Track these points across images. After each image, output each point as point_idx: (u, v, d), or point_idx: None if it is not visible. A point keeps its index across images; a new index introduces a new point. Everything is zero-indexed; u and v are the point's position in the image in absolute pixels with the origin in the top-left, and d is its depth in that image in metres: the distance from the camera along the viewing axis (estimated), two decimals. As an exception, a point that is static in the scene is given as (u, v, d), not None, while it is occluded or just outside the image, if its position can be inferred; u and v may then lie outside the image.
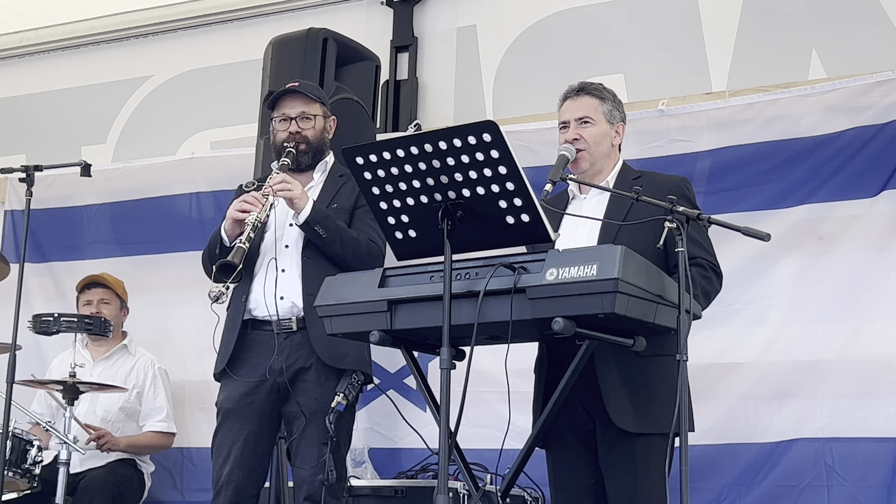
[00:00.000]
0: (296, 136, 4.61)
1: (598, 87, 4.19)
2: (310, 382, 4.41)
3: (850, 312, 5.22)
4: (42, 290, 7.02)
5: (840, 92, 5.39)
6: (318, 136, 4.67)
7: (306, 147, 4.63)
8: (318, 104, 4.70)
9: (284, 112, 4.65)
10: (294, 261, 4.50)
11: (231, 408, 4.46)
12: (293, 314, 4.45)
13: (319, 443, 4.35)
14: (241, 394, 4.45)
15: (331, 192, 4.64)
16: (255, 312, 4.48)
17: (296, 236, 4.52)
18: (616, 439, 3.82)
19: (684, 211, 3.62)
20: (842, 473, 5.13)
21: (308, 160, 4.65)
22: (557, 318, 3.35)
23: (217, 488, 4.43)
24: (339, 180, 4.68)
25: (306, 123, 4.64)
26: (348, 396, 4.37)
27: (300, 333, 4.43)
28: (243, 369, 4.46)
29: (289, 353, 4.42)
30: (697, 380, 4.04)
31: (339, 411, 4.33)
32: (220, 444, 4.48)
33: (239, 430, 4.44)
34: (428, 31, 6.65)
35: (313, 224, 4.42)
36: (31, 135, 7.65)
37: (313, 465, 4.34)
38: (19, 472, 5.25)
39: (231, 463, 4.41)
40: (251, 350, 4.48)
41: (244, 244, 4.33)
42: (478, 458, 4.82)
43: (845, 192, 5.33)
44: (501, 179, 3.42)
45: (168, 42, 7.40)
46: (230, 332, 4.53)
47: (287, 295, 4.45)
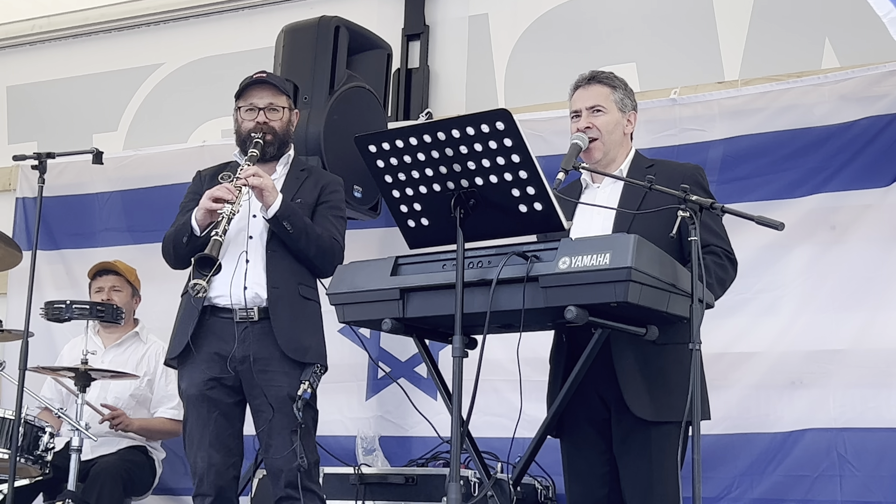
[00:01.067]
0: (263, 126, 4.64)
1: (609, 76, 4.18)
2: (274, 373, 4.45)
3: (862, 302, 5.21)
4: (54, 277, 7.03)
5: (853, 81, 5.36)
6: (284, 127, 4.70)
7: (272, 138, 4.66)
8: (285, 96, 4.74)
9: (252, 102, 4.68)
10: (259, 252, 4.52)
11: (196, 394, 4.50)
12: (255, 304, 4.47)
13: (289, 430, 4.38)
14: (204, 380, 4.48)
15: (294, 186, 4.66)
16: (216, 300, 4.48)
17: (260, 228, 4.54)
18: (632, 427, 3.82)
19: (697, 200, 3.61)
20: (854, 463, 5.12)
21: (273, 151, 4.68)
22: (570, 307, 3.36)
23: (198, 476, 4.46)
24: (301, 174, 4.71)
25: (274, 115, 4.67)
26: (313, 385, 4.42)
27: (261, 324, 4.46)
28: (202, 355, 4.48)
29: (249, 343, 4.45)
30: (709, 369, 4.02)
31: (305, 399, 4.37)
32: (191, 432, 4.52)
33: (207, 415, 4.47)
34: (440, 19, 6.64)
35: (282, 219, 4.44)
36: (42, 122, 7.65)
37: (286, 452, 4.37)
38: (31, 459, 5.26)
39: (206, 447, 4.45)
40: (209, 336, 4.49)
41: (220, 237, 4.33)
42: (488, 447, 4.82)
43: (858, 182, 5.31)
44: (514, 168, 3.41)
45: (180, 30, 7.39)
46: (189, 317, 4.53)
47: (251, 286, 4.45)
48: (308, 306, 4.56)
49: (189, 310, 4.54)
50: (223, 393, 4.50)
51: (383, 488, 5.21)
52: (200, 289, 4.27)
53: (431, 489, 5.10)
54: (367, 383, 6.21)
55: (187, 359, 4.52)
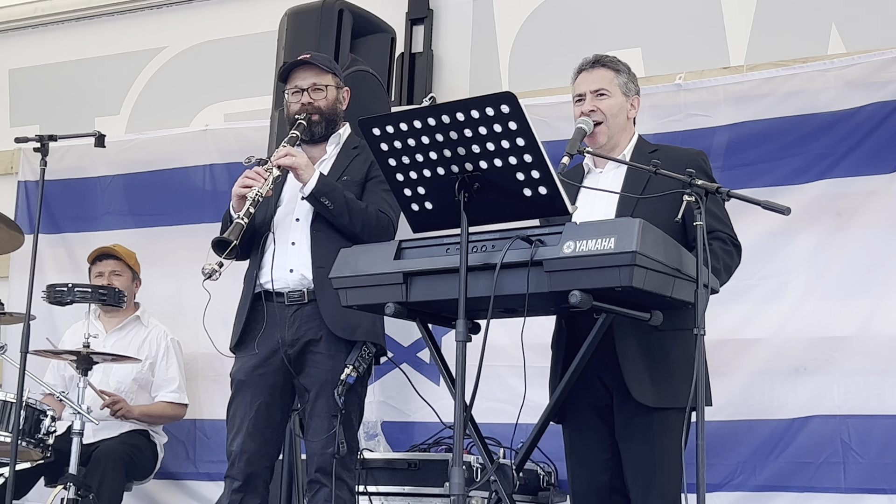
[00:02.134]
0: (307, 107, 4.61)
1: (612, 60, 4.17)
2: (319, 354, 4.41)
3: (867, 289, 5.19)
4: (55, 260, 7.02)
5: (859, 67, 5.34)
6: (330, 106, 4.65)
7: (319, 117, 4.62)
8: (331, 75, 4.68)
9: (296, 84, 4.65)
10: (304, 234, 4.50)
11: (243, 379, 4.48)
12: (303, 286, 4.45)
13: (329, 415, 4.36)
14: (253, 365, 4.46)
15: (343, 164, 4.63)
16: (267, 285, 4.47)
17: (306, 210, 4.51)
18: (634, 413, 3.81)
19: (703, 184, 3.60)
20: (858, 450, 5.11)
21: (321, 130, 4.64)
22: (574, 292, 3.34)
23: (231, 459, 4.45)
24: (352, 152, 4.66)
25: (318, 94, 4.63)
26: (358, 368, 4.36)
27: (311, 305, 4.43)
28: (255, 341, 4.46)
29: (299, 325, 4.42)
30: (714, 355, 4.01)
31: (348, 383, 4.32)
32: (233, 415, 4.50)
33: (251, 402, 4.44)
34: (444, 3, 6.61)
35: (319, 196, 4.41)
36: (44, 105, 7.63)
37: (323, 437, 4.34)
38: (33, 442, 5.26)
39: (244, 434, 4.42)
40: (261, 322, 4.47)
41: (243, 220, 4.31)
42: (491, 433, 4.80)
43: (864, 168, 5.29)
44: (519, 151, 3.39)
45: (182, 13, 7.36)
46: (243, 304, 4.55)
47: (297, 268, 4.45)
48: None
49: (244, 297, 4.55)
50: (270, 380, 4.45)
51: (385, 473, 5.20)
52: (211, 270, 4.25)
53: (434, 474, 5.09)
54: (369, 368, 6.20)
55: (241, 345, 4.52)
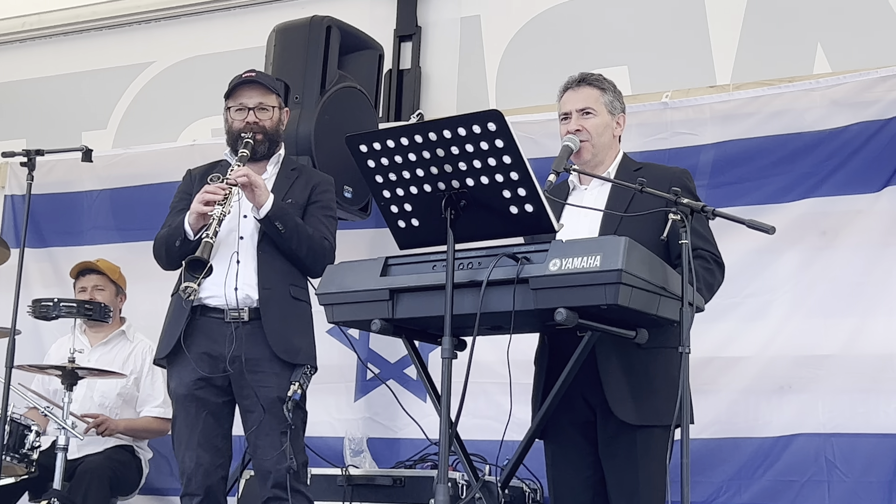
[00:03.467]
0: (253, 126, 4.63)
1: (598, 78, 4.19)
2: (263, 374, 4.44)
3: (852, 308, 5.20)
4: (41, 275, 7.00)
5: (845, 87, 5.36)
6: (274, 126, 4.70)
7: (263, 137, 4.65)
8: (275, 95, 4.74)
9: (241, 102, 4.67)
10: (250, 253, 4.52)
11: (185, 393, 4.49)
12: (246, 305, 4.47)
13: (279, 432, 4.38)
14: (193, 380, 4.47)
15: (284, 185, 4.66)
16: (207, 300, 4.47)
17: (251, 228, 4.53)
18: (616, 431, 3.81)
19: (689, 203, 3.61)
20: (843, 469, 5.11)
21: (264, 150, 4.68)
22: (560, 309, 3.35)
23: (186, 476, 4.45)
24: (291, 174, 4.71)
25: (263, 114, 4.66)
26: (303, 385, 4.43)
27: (251, 324, 4.46)
28: (191, 354, 4.46)
29: (240, 343, 4.43)
30: (698, 373, 4.02)
31: (295, 400, 4.37)
32: (179, 431, 4.51)
33: (196, 414, 4.47)
34: (432, 20, 6.63)
35: (273, 219, 4.44)
36: (31, 120, 7.62)
37: (275, 453, 4.36)
38: (17, 457, 5.24)
39: (195, 447, 4.44)
40: (198, 335, 4.48)
41: (211, 239, 4.33)
42: (476, 449, 4.81)
43: (849, 187, 5.30)
44: (506, 169, 3.40)
45: (170, 28, 7.38)
46: (177, 317, 4.53)
47: (241, 286, 4.45)
48: (299, 307, 4.55)
49: (178, 310, 4.53)
50: (212, 393, 4.48)
51: (371, 490, 5.19)
52: (192, 292, 4.26)
53: (419, 491, 5.08)
54: (355, 384, 6.20)
55: (176, 358, 4.51)
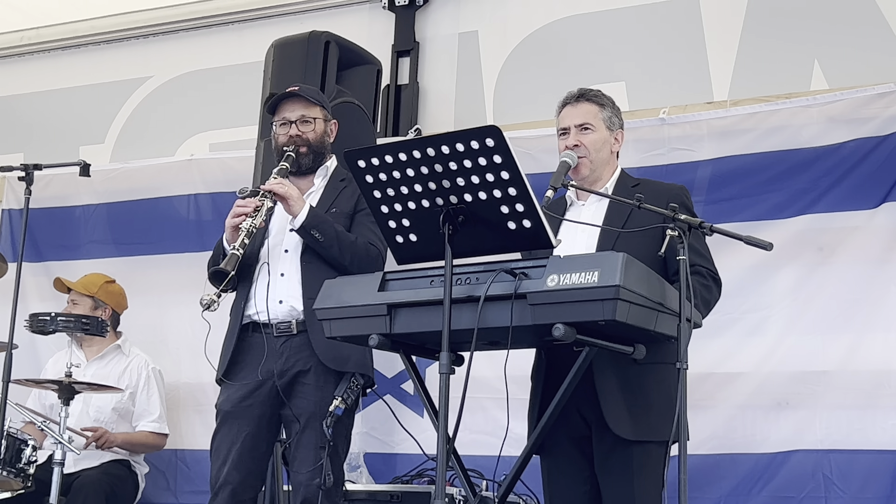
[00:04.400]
0: (296, 139, 4.61)
1: (597, 94, 4.19)
2: (308, 386, 4.40)
3: (849, 324, 5.20)
4: (38, 289, 6.98)
5: (842, 103, 5.37)
6: (318, 138, 4.66)
7: (307, 150, 4.62)
8: (319, 107, 4.69)
9: (284, 116, 4.65)
10: (294, 265, 4.50)
11: (229, 410, 4.46)
12: (293, 317, 4.45)
13: (316, 447, 4.35)
14: (240, 396, 4.45)
15: (331, 196, 4.64)
16: (255, 316, 4.47)
17: (296, 241, 4.52)
18: (613, 446, 3.81)
19: (686, 219, 3.62)
20: (840, 485, 5.10)
21: (309, 162, 4.65)
22: (558, 325, 3.34)
23: (214, 490, 4.43)
24: (339, 185, 4.67)
25: (306, 126, 4.64)
26: (346, 400, 4.37)
27: (300, 336, 4.43)
28: (243, 372, 4.46)
29: (288, 356, 4.42)
30: (695, 389, 4.02)
31: (336, 415, 4.32)
32: (218, 445, 4.48)
33: (237, 433, 4.43)
34: (430, 35, 6.64)
35: (309, 228, 4.42)
36: (29, 134, 7.63)
37: (310, 469, 4.33)
38: (13, 472, 5.23)
39: (229, 465, 4.41)
40: (250, 353, 4.47)
41: (238, 251, 4.32)
42: (474, 465, 4.79)
43: (846, 204, 5.31)
44: (504, 184, 3.40)
45: (168, 43, 7.39)
46: (230, 335, 4.54)
47: (286, 299, 4.46)
48: None
49: (231, 328, 4.54)
50: (257, 410, 4.44)
51: (367, 505, 5.19)
52: (210, 301, 4.25)
53: (416, 507, 5.08)
54: (352, 399, 6.18)
55: (228, 376, 4.50)
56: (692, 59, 5.92)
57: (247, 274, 4.49)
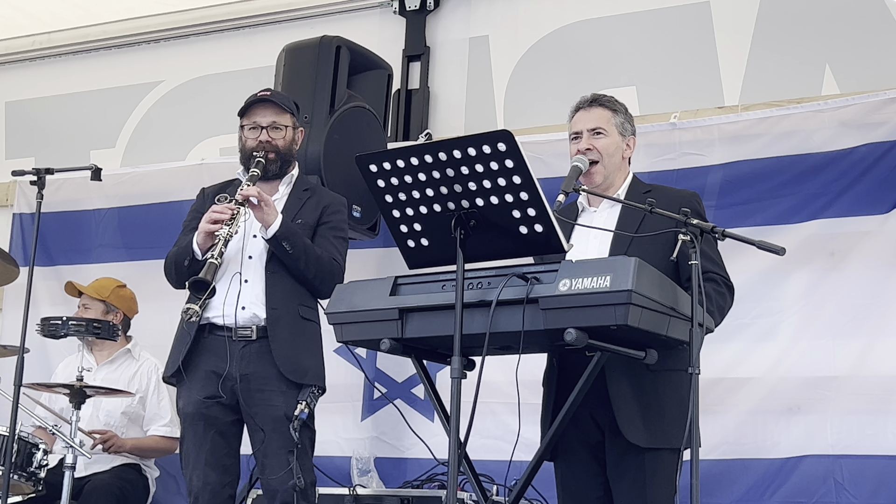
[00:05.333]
0: (265, 144, 4.64)
1: (610, 99, 4.19)
2: (271, 392, 4.44)
3: (861, 329, 5.19)
4: (49, 293, 7.00)
5: (853, 108, 5.36)
6: (287, 146, 4.70)
7: (275, 156, 4.66)
8: (289, 115, 4.73)
9: (255, 120, 4.68)
10: (258, 272, 4.53)
11: (193, 412, 4.49)
12: (254, 324, 4.47)
13: (286, 450, 4.38)
14: (202, 397, 4.48)
15: (296, 206, 4.66)
16: (214, 319, 4.48)
17: (260, 248, 4.54)
18: (625, 452, 3.81)
19: (698, 224, 3.62)
20: (851, 491, 5.09)
21: (276, 169, 4.68)
22: (570, 329, 3.34)
23: (194, 496, 4.46)
24: (303, 194, 4.71)
25: (276, 133, 4.67)
26: (310, 404, 4.43)
27: (258, 343, 4.47)
28: (199, 373, 4.48)
29: (248, 362, 4.45)
30: (706, 394, 4.01)
31: (302, 419, 4.38)
32: (187, 450, 4.52)
33: (204, 433, 4.47)
34: (440, 40, 6.64)
35: (281, 239, 4.44)
36: (40, 138, 7.64)
37: (282, 472, 4.36)
38: (24, 476, 5.24)
39: (202, 466, 4.45)
40: (205, 354, 4.49)
41: (216, 260, 4.36)
42: (484, 469, 4.80)
43: (857, 208, 5.30)
44: (515, 189, 3.40)
45: (179, 48, 7.39)
46: (184, 335, 4.54)
47: (249, 305, 4.48)
48: (308, 327, 4.55)
49: (186, 327, 4.53)
50: (220, 411, 4.48)
51: (378, 510, 5.19)
52: (193, 313, 4.29)
53: (427, 511, 5.07)
54: (362, 404, 6.19)
55: (184, 377, 4.51)
56: (703, 63, 5.92)
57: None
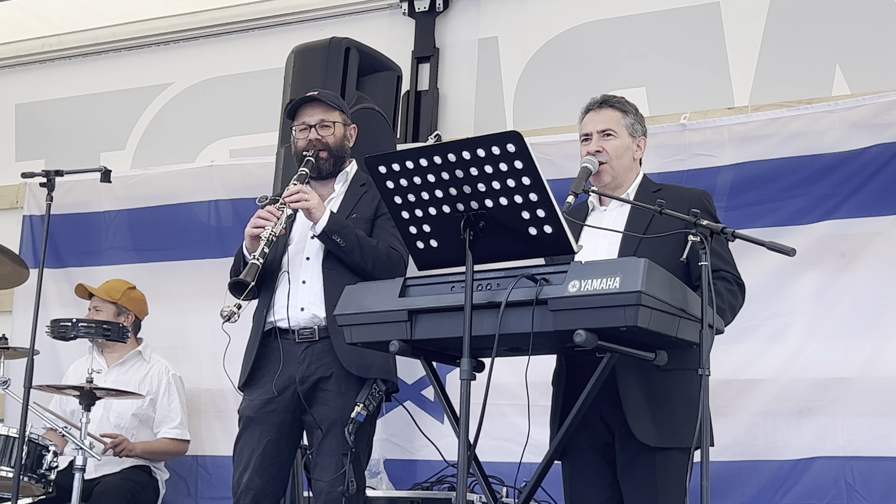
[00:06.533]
0: (315, 143, 4.61)
1: (620, 101, 4.19)
2: (329, 392, 4.40)
3: (871, 330, 5.17)
4: (59, 295, 7.01)
5: (863, 108, 5.35)
6: (337, 143, 4.65)
7: (327, 154, 4.61)
8: (338, 112, 4.68)
9: (304, 120, 4.65)
10: (315, 272, 4.50)
11: (251, 416, 4.47)
12: (314, 324, 4.45)
13: (338, 453, 4.34)
14: (262, 402, 4.45)
15: (352, 201, 4.63)
16: (278, 323, 4.48)
17: (317, 248, 4.52)
18: (636, 453, 3.80)
19: (708, 224, 3.61)
20: (862, 492, 5.08)
21: (329, 167, 4.64)
22: (579, 331, 3.34)
23: (236, 496, 4.43)
24: (360, 189, 4.66)
25: (325, 131, 4.63)
26: (368, 407, 4.35)
27: (322, 343, 4.43)
28: (265, 378, 4.46)
29: (310, 363, 4.42)
30: (717, 395, 4.00)
31: (358, 422, 4.32)
32: (240, 451, 4.49)
33: (259, 438, 4.44)
34: (449, 42, 6.64)
35: (330, 234, 4.41)
36: (50, 140, 7.65)
37: (332, 476, 4.32)
38: (35, 478, 5.25)
39: (250, 471, 4.41)
40: (271, 359, 4.47)
41: (258, 260, 4.33)
42: (494, 471, 4.79)
43: (868, 209, 5.28)
44: (525, 190, 3.40)
45: (189, 49, 7.39)
46: (252, 342, 4.54)
47: (308, 306, 4.46)
48: None
49: (253, 335, 4.54)
50: (279, 417, 4.44)
51: (388, 512, 5.19)
52: (230, 313, 4.26)
53: (436, 513, 5.07)
54: (374, 406, 6.18)
55: (251, 382, 4.51)
56: (713, 64, 5.91)
57: (269, 282, 4.50)
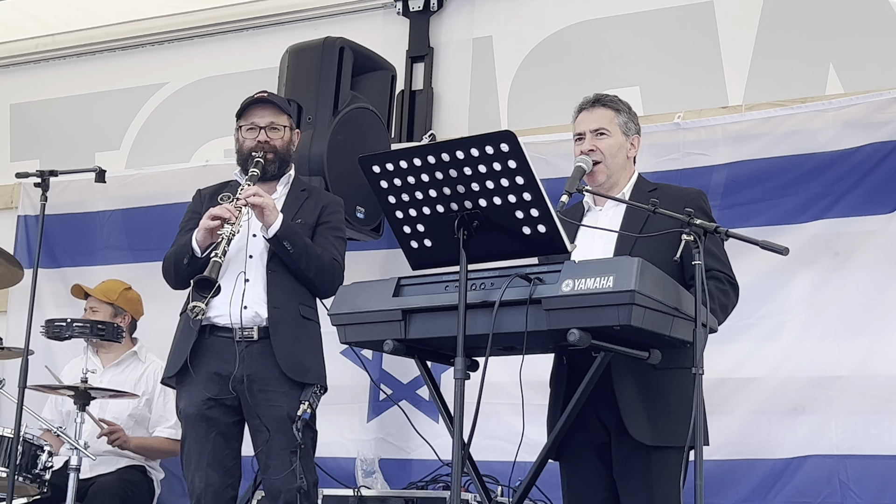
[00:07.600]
0: (264, 145, 4.64)
1: (613, 99, 4.19)
2: (273, 393, 4.44)
3: (865, 328, 5.19)
4: (54, 295, 7.02)
5: (857, 107, 5.36)
6: (284, 146, 4.71)
7: (273, 157, 4.67)
8: (286, 116, 4.76)
9: (253, 121, 4.69)
10: (259, 272, 4.53)
11: (194, 413, 4.49)
12: (256, 324, 4.47)
13: (289, 451, 4.38)
14: (204, 399, 4.47)
15: (294, 206, 4.66)
16: (215, 319, 4.48)
17: (261, 248, 4.54)
18: (632, 452, 3.81)
19: (702, 224, 3.61)
20: (856, 490, 5.09)
21: (274, 170, 4.69)
22: (573, 330, 3.35)
23: (196, 497, 4.45)
24: (301, 195, 4.72)
25: (274, 133, 4.68)
26: (312, 405, 4.42)
27: (260, 343, 4.46)
28: (201, 374, 4.47)
29: (249, 362, 4.44)
30: (711, 394, 4.00)
31: (305, 419, 4.37)
32: (188, 452, 4.51)
33: (206, 434, 4.47)
34: (444, 41, 6.64)
35: (282, 239, 4.44)
36: (45, 140, 7.65)
37: (285, 473, 4.35)
38: (29, 478, 5.24)
39: (204, 467, 4.44)
40: (206, 355, 4.49)
41: (220, 258, 4.33)
42: (489, 470, 4.80)
43: (862, 208, 5.30)
44: (518, 190, 3.41)
45: (183, 49, 7.40)
46: (186, 336, 4.53)
47: (251, 305, 4.47)
48: (308, 326, 4.56)
49: (187, 329, 4.53)
50: (222, 412, 4.48)
51: (383, 511, 5.19)
52: (199, 311, 4.27)
53: (431, 512, 5.07)
54: (368, 405, 6.19)
55: (185, 378, 4.51)
56: (707, 63, 5.92)
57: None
